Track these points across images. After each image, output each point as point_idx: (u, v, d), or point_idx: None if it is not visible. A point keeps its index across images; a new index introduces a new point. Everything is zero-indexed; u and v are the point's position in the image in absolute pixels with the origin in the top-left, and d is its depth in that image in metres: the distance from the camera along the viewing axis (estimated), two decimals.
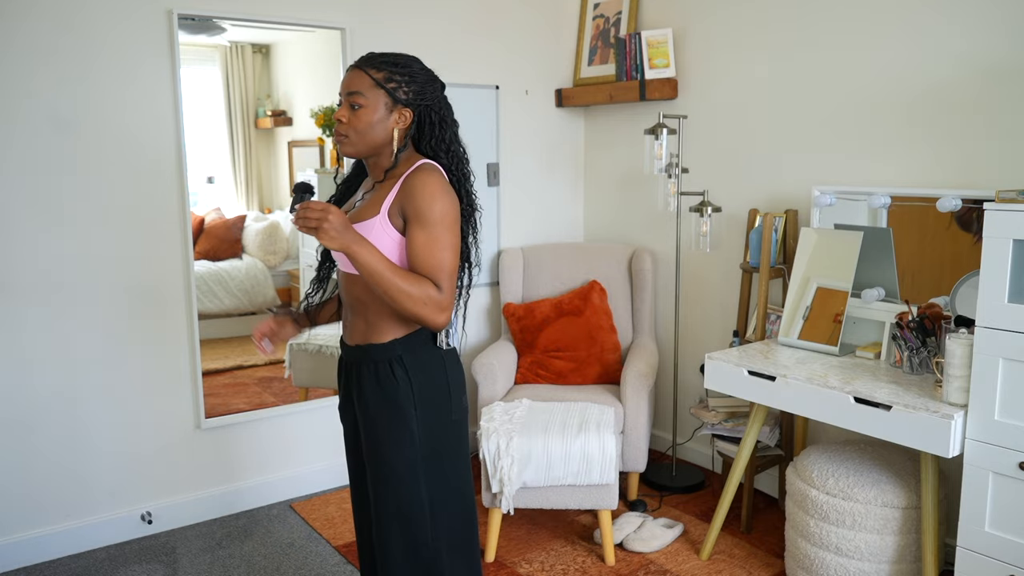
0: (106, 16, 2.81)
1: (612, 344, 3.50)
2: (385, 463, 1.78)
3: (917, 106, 2.79)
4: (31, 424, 2.84)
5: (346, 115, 1.73)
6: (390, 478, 1.78)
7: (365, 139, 1.74)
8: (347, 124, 1.73)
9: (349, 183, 1.95)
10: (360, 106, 1.72)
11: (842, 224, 2.91)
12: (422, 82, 1.76)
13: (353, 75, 1.74)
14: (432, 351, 1.81)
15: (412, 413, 1.76)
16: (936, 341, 2.48)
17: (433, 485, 1.80)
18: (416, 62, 1.78)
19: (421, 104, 1.76)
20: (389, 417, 1.77)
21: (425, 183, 1.69)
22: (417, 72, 1.76)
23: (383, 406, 1.78)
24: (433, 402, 1.80)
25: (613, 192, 4.03)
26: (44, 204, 2.78)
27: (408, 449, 1.77)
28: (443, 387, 1.82)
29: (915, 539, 2.42)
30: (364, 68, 1.73)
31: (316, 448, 3.47)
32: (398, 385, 1.76)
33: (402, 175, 1.74)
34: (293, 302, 3.62)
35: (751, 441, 2.81)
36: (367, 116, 1.72)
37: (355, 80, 1.73)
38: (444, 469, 1.82)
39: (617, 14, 3.84)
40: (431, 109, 1.77)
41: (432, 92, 1.77)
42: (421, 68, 1.78)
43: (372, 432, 1.80)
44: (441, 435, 1.81)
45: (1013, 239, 2.10)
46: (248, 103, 3.35)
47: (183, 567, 2.87)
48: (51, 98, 2.75)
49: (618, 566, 2.85)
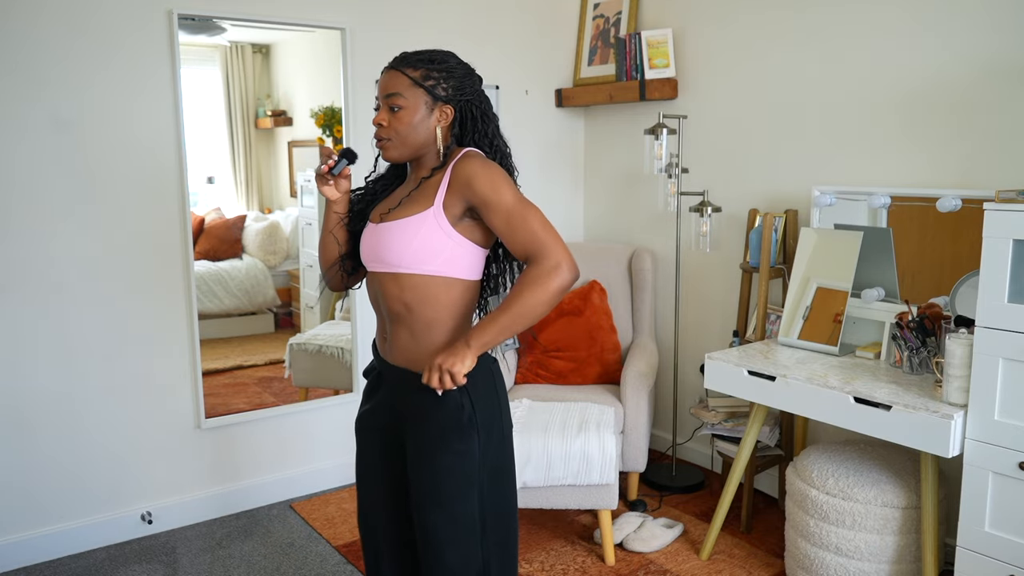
0: (106, 16, 2.81)
1: (612, 344, 3.50)
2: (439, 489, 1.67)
3: (917, 106, 2.79)
4: (31, 424, 2.84)
5: (386, 118, 1.67)
6: (445, 503, 1.67)
7: (408, 141, 1.68)
8: (388, 127, 1.67)
9: (384, 182, 1.86)
10: (400, 107, 1.65)
11: (842, 224, 2.91)
12: (460, 76, 1.69)
13: (389, 76, 1.68)
14: (482, 362, 1.69)
15: (473, 436, 1.66)
16: (936, 341, 2.48)
17: (488, 503, 1.72)
18: (452, 56, 1.71)
19: (462, 99, 1.69)
20: (447, 441, 1.66)
21: (477, 170, 1.61)
22: (455, 66, 1.69)
23: (439, 430, 1.67)
24: (489, 420, 1.70)
25: (613, 192, 4.03)
26: (44, 204, 2.78)
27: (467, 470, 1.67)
28: (495, 402, 1.73)
29: (915, 539, 2.42)
30: (400, 68, 1.67)
31: (316, 448, 3.47)
32: (461, 409, 1.66)
33: (448, 167, 1.67)
34: (294, 302, 3.62)
35: (751, 441, 2.81)
36: (408, 117, 1.66)
37: (392, 81, 1.67)
38: (498, 485, 1.74)
39: (617, 14, 3.84)
40: (472, 104, 1.70)
41: (471, 86, 1.71)
42: (458, 62, 1.71)
43: (427, 455, 1.68)
44: (498, 453, 1.74)
45: (1013, 239, 2.10)
46: (248, 103, 3.35)
47: (183, 567, 2.87)
48: (51, 98, 2.75)
49: (618, 566, 2.85)
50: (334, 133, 3.41)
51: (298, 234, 3.55)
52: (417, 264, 1.64)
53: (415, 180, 1.73)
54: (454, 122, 1.71)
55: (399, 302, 1.67)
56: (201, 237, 3.31)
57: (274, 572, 2.84)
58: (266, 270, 3.58)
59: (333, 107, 3.39)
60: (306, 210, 3.52)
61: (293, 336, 3.55)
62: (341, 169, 1.78)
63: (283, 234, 3.55)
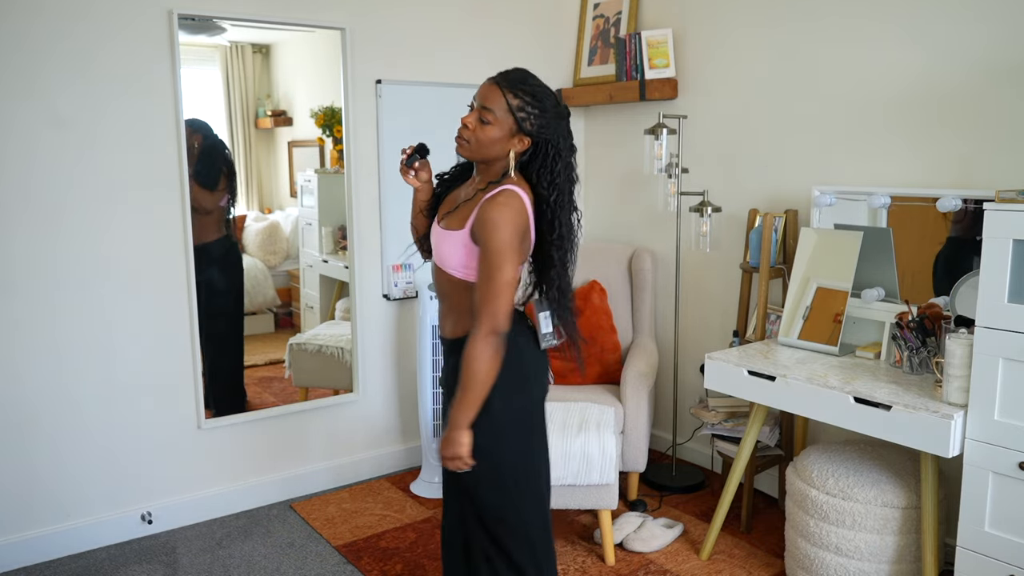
0: (106, 16, 2.81)
1: (612, 344, 3.50)
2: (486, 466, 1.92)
3: (917, 106, 2.79)
4: (31, 424, 2.84)
5: (473, 123, 1.85)
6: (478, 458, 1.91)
7: (482, 149, 1.86)
8: (471, 131, 1.86)
9: (449, 182, 2.07)
10: (489, 122, 1.84)
11: (842, 224, 2.91)
12: (550, 118, 1.86)
13: (491, 90, 1.85)
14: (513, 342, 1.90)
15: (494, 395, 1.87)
16: (936, 341, 2.48)
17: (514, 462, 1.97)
18: (551, 97, 1.88)
19: (542, 136, 1.87)
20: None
21: (490, 216, 1.80)
22: (548, 108, 1.86)
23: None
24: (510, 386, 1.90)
25: (613, 192, 4.03)
26: (44, 204, 2.78)
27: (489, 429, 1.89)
28: (521, 375, 1.94)
29: (915, 539, 2.42)
30: (503, 88, 1.84)
31: (316, 448, 3.47)
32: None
33: (488, 193, 1.86)
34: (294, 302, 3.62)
35: (751, 441, 2.81)
36: (492, 132, 1.84)
37: (491, 96, 1.84)
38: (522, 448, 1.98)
39: (617, 14, 3.84)
40: (549, 142, 1.88)
41: (556, 128, 1.88)
42: (554, 104, 1.88)
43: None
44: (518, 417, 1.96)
45: (1013, 239, 2.10)
46: (248, 103, 3.35)
47: (183, 567, 2.87)
48: (51, 98, 2.75)
49: (618, 566, 2.85)
50: (334, 133, 3.42)
51: (298, 234, 3.56)
52: (455, 268, 1.91)
53: (472, 187, 1.94)
54: (527, 151, 1.88)
55: (443, 291, 1.98)
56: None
57: (274, 572, 2.84)
58: (266, 270, 3.58)
59: (333, 107, 3.39)
60: (306, 210, 3.53)
61: (293, 336, 3.56)
62: (414, 162, 2.00)
63: (283, 234, 3.56)
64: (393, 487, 3.51)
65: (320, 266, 3.57)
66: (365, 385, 3.54)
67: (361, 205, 3.45)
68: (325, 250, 3.55)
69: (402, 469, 3.69)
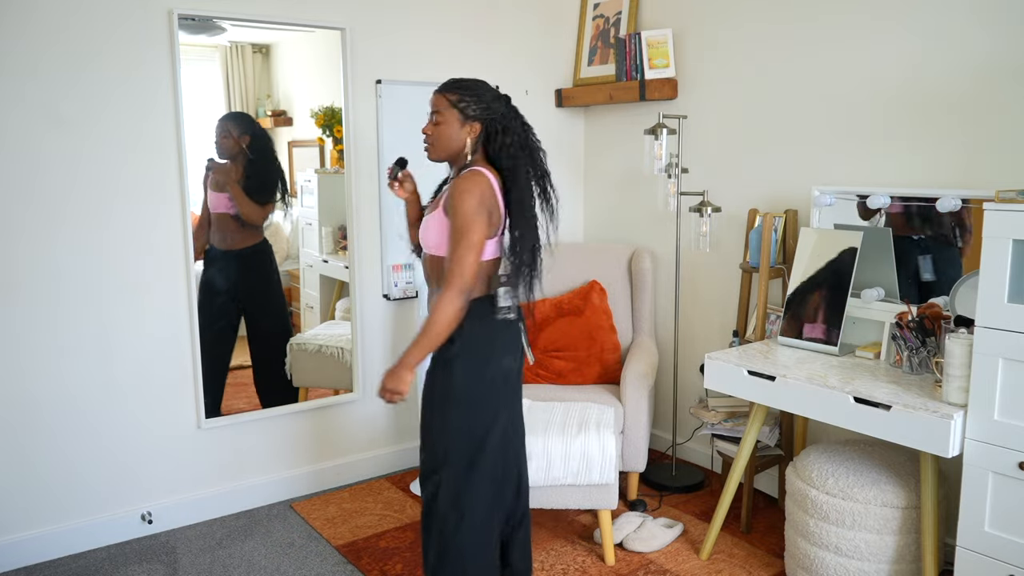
0: (106, 16, 2.81)
1: (612, 344, 3.50)
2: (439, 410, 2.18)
3: (917, 106, 2.79)
4: (31, 424, 2.84)
5: (430, 128, 2.20)
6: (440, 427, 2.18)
7: (444, 147, 2.19)
8: (431, 135, 2.20)
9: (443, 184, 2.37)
10: (439, 122, 2.18)
11: (842, 224, 2.91)
12: (488, 100, 2.18)
13: (435, 97, 2.20)
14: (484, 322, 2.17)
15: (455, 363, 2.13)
16: (936, 341, 2.48)
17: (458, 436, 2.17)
18: (482, 85, 2.20)
19: (487, 118, 2.17)
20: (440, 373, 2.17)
21: (457, 189, 2.08)
22: (483, 93, 2.18)
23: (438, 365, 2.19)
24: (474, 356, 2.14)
25: (613, 192, 4.03)
26: (44, 204, 2.78)
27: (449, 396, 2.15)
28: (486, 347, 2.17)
29: (915, 539, 2.42)
30: (443, 92, 2.19)
31: (316, 448, 3.47)
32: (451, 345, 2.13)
33: (459, 176, 2.14)
34: (294, 302, 3.62)
35: (751, 441, 2.81)
36: (445, 129, 2.17)
37: (436, 101, 2.20)
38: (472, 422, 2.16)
39: (617, 14, 3.84)
40: (496, 121, 2.18)
41: (497, 108, 2.18)
42: (487, 89, 2.19)
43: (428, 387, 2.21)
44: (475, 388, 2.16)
45: (1013, 239, 2.10)
46: (248, 103, 3.34)
47: (183, 567, 2.87)
48: (51, 98, 2.75)
49: (618, 566, 2.85)
50: (334, 133, 3.42)
51: (298, 234, 3.55)
52: (435, 247, 2.18)
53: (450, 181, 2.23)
54: (480, 135, 2.19)
55: (427, 275, 2.26)
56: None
57: (274, 572, 2.84)
58: None
59: (333, 107, 3.39)
60: (306, 210, 3.52)
61: (293, 336, 3.55)
62: (397, 174, 2.34)
63: (283, 234, 3.55)
64: (393, 487, 3.51)
65: (320, 266, 3.57)
66: (365, 385, 3.54)
67: (361, 205, 3.45)
68: (325, 250, 3.55)
69: (402, 469, 3.69)
